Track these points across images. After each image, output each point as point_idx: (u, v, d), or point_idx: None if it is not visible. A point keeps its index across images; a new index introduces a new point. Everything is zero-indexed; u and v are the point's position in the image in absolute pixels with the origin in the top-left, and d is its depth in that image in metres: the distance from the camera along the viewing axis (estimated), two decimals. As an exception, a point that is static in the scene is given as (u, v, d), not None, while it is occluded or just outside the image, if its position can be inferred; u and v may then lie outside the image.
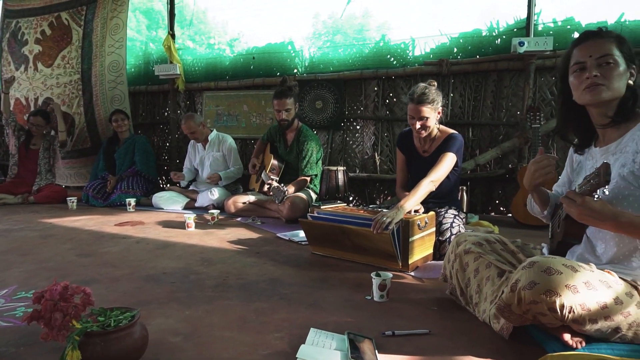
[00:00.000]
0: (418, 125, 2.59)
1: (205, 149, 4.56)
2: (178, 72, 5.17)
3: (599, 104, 1.39)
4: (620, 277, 1.31)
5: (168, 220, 3.69)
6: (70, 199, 4.34)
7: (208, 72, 5.39)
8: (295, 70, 4.95)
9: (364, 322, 1.61)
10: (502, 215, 4.23)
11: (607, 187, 1.19)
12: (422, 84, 2.62)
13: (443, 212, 2.61)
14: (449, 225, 2.51)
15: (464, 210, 3.30)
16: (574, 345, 1.29)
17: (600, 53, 1.37)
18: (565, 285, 1.20)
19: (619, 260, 1.38)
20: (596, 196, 1.22)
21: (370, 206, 2.84)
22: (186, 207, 4.35)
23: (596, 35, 1.40)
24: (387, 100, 4.56)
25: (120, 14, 5.15)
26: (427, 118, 2.57)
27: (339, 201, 3.20)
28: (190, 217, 3.32)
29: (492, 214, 4.29)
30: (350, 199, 4.77)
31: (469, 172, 4.18)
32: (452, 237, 2.46)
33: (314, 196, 3.86)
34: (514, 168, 4.06)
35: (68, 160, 5.44)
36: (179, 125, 5.50)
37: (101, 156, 4.97)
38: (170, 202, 4.34)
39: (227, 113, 5.26)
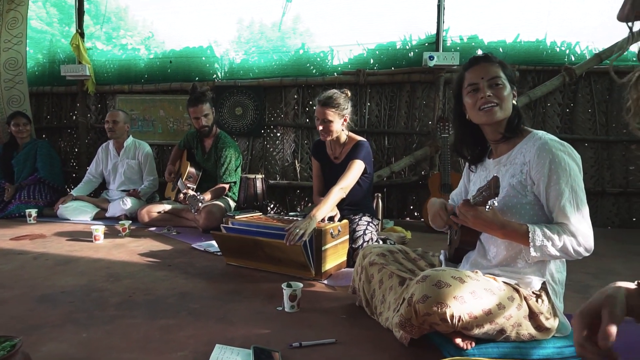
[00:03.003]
0: (320, 127, 2.66)
1: (119, 155, 4.30)
2: (87, 74, 4.84)
3: (493, 123, 1.52)
4: (504, 282, 1.44)
5: (74, 233, 3.44)
6: (-42, 211, 3.90)
7: (122, 74, 5.10)
8: (215, 76, 4.86)
9: (274, 335, 1.61)
10: (416, 220, 4.44)
11: (496, 198, 1.31)
12: (334, 90, 2.70)
13: (357, 220, 2.68)
14: (362, 232, 2.59)
15: (379, 217, 3.42)
16: (465, 347, 1.39)
17: (490, 75, 1.50)
18: (454, 297, 1.30)
19: (507, 263, 1.51)
20: (487, 207, 1.34)
21: (290, 214, 2.86)
22: (96, 218, 4.07)
23: (485, 60, 1.53)
24: (307, 108, 4.62)
25: (19, 7, 4.72)
26: (331, 122, 2.64)
27: (256, 210, 3.19)
28: (98, 229, 3.12)
29: (407, 219, 4.49)
30: (271, 206, 4.76)
31: (385, 179, 4.35)
32: (365, 244, 2.54)
33: (232, 204, 3.80)
34: (426, 175, 4.29)
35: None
36: (89, 130, 5.18)
37: (-5, 163, 4.50)
38: (77, 212, 4.03)
39: (143, 118, 5.02)
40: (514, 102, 1.54)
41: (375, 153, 4.45)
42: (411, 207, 4.51)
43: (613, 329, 0.70)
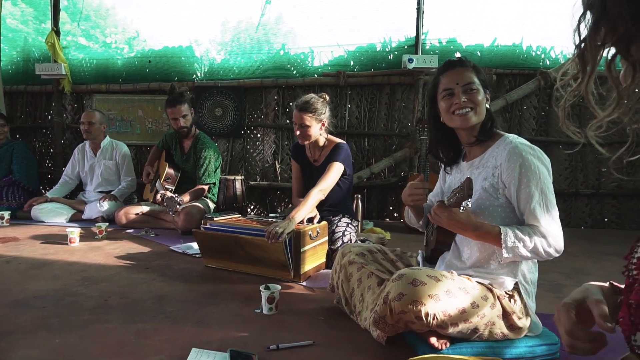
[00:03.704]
0: (298, 132, 2.67)
1: (96, 155, 4.22)
2: (63, 73, 4.74)
3: (467, 127, 1.55)
4: (478, 282, 1.46)
5: (49, 235, 3.37)
6: None
7: (99, 73, 5.01)
8: (194, 76, 4.81)
9: (251, 337, 1.61)
10: (396, 220, 4.48)
11: (470, 200, 1.33)
12: (311, 94, 2.71)
13: (336, 221, 2.69)
14: (340, 234, 2.60)
15: (358, 219, 3.44)
16: (439, 347, 1.41)
17: (465, 81, 1.52)
18: (429, 295, 1.32)
19: (480, 264, 1.54)
20: (462, 208, 1.36)
21: (271, 215, 2.85)
22: (72, 220, 3.98)
23: (459, 64, 1.55)
24: (288, 110, 4.62)
25: (-8, 5, 4.61)
26: (308, 127, 2.65)
27: (235, 212, 3.17)
28: (73, 232, 3.06)
29: (387, 219, 4.53)
30: (251, 207, 4.74)
31: (365, 180, 4.38)
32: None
33: (211, 206, 3.77)
34: (405, 176, 4.33)
35: None
36: (65, 130, 5.07)
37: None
38: (52, 214, 3.94)
39: (120, 118, 4.94)
40: (487, 105, 1.57)
41: (355, 154, 4.47)
42: (391, 208, 4.55)
43: (606, 309, 0.72)
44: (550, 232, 1.39)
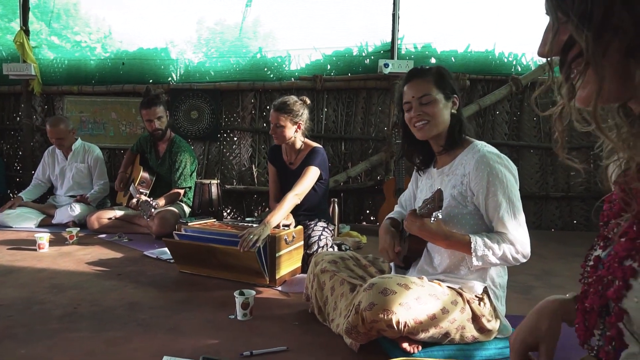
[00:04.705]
0: (273, 132, 2.69)
1: (67, 158, 4.12)
2: (33, 73, 4.61)
3: (429, 138, 1.58)
4: (449, 286, 1.49)
5: (16, 241, 3.26)
6: None
7: (71, 74, 4.90)
8: (170, 79, 4.76)
9: (224, 344, 1.60)
10: (372, 224, 4.51)
11: (440, 211, 1.36)
12: (292, 96, 2.72)
13: (312, 225, 2.70)
14: (317, 238, 2.61)
15: (335, 223, 3.45)
16: (412, 351, 1.43)
17: (421, 93, 1.54)
18: (399, 304, 1.34)
19: (450, 270, 1.57)
20: (432, 219, 1.38)
21: (247, 219, 2.84)
22: (41, 225, 3.87)
23: (418, 76, 1.57)
24: (265, 113, 4.60)
25: (-43, 3, 4.46)
26: (283, 127, 2.65)
27: (211, 217, 3.14)
28: (42, 237, 2.98)
29: (364, 223, 4.56)
30: (228, 211, 4.70)
31: (341, 184, 4.40)
32: (320, 249, 2.56)
33: (187, 210, 3.73)
34: (381, 180, 4.37)
35: None
36: (34, 132, 4.94)
37: None
38: (20, 219, 3.82)
39: (93, 120, 4.84)
40: (454, 111, 1.58)
41: (332, 158, 4.49)
42: (367, 212, 4.58)
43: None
44: (518, 239, 1.42)
